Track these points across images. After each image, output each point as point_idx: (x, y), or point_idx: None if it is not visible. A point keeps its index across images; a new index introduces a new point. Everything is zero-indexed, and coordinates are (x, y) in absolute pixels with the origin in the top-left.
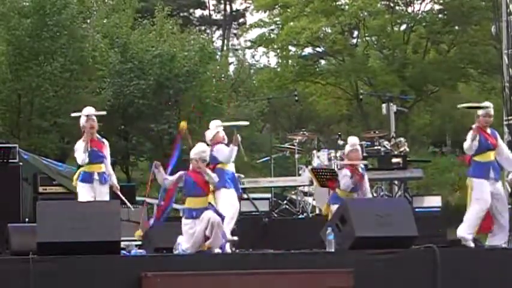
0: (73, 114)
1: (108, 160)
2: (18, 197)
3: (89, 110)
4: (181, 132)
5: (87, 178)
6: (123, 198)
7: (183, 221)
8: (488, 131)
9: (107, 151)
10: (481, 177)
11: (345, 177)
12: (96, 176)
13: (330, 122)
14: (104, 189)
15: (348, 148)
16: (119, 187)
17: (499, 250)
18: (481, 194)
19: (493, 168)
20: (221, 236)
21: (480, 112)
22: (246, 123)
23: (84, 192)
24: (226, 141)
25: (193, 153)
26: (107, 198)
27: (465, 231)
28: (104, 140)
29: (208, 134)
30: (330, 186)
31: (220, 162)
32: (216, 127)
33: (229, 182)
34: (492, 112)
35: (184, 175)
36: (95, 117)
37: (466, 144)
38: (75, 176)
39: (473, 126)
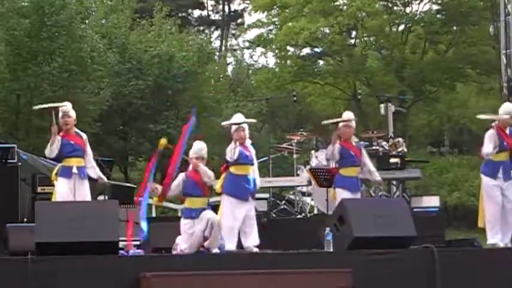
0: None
1: (90, 155)
2: (16, 197)
3: (66, 107)
4: (160, 148)
5: (66, 172)
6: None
7: (182, 221)
8: (507, 131)
9: (86, 145)
10: (488, 176)
11: (334, 148)
12: (75, 170)
13: None
14: (83, 184)
15: (341, 123)
16: (104, 178)
17: (497, 250)
18: (490, 193)
19: (503, 168)
20: (220, 236)
21: (501, 111)
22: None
23: (63, 187)
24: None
25: (192, 152)
26: (87, 193)
27: (492, 237)
28: (82, 134)
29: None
30: (333, 172)
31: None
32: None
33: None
34: None
35: (184, 175)
36: (71, 114)
37: (485, 150)
38: (54, 171)
39: (493, 125)
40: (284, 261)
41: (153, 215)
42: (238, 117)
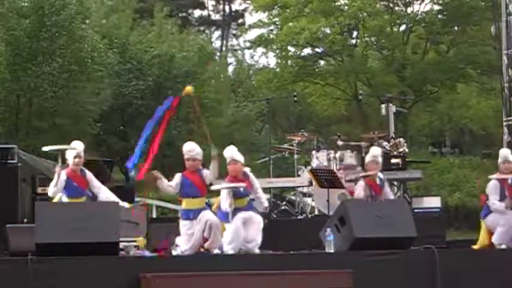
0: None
1: (100, 187)
2: (16, 198)
3: (78, 146)
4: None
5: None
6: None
7: (181, 222)
8: (510, 181)
9: (92, 181)
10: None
11: (359, 188)
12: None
13: (329, 123)
14: None
15: (368, 158)
16: (127, 205)
17: (498, 251)
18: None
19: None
20: (220, 237)
21: (499, 160)
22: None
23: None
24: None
25: (184, 152)
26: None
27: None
28: (86, 171)
29: None
30: (350, 193)
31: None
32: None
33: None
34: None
35: (181, 176)
36: (82, 154)
37: (496, 206)
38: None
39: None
40: (285, 262)
41: (154, 215)
42: (228, 150)
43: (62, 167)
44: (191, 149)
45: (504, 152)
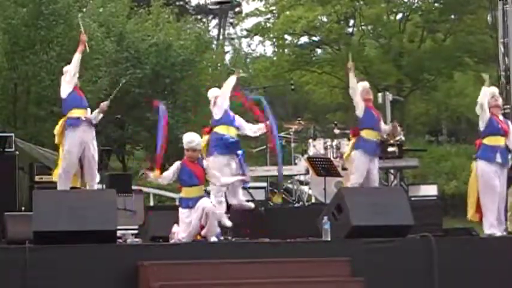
0: None
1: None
2: (14, 186)
3: None
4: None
5: (75, 122)
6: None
7: (180, 210)
8: (501, 118)
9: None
10: (485, 159)
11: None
12: (83, 118)
13: (326, 111)
14: (91, 133)
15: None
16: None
17: (494, 239)
18: (489, 182)
19: (500, 152)
20: (217, 225)
21: (488, 97)
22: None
23: (74, 138)
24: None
25: (184, 143)
26: (94, 142)
27: (489, 228)
28: None
29: None
30: (352, 134)
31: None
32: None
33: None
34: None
35: (181, 165)
36: None
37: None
38: (60, 126)
39: None
40: (282, 250)
41: (151, 203)
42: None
43: None
44: (191, 140)
45: (492, 89)
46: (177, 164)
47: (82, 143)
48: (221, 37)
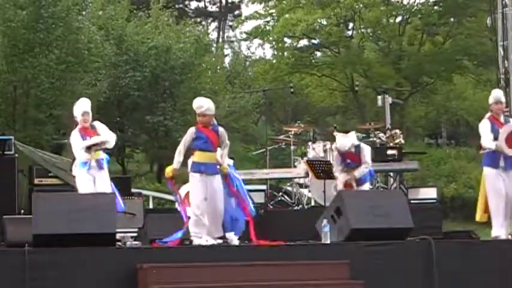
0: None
1: (106, 132)
2: (13, 189)
3: (85, 105)
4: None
5: (85, 165)
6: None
7: (191, 174)
8: (502, 119)
9: (103, 131)
10: (489, 166)
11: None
12: (93, 163)
13: (326, 114)
14: (102, 175)
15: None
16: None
17: (494, 242)
18: (494, 185)
19: (503, 157)
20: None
21: (491, 100)
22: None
23: (83, 178)
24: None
25: (194, 108)
26: (107, 182)
27: (498, 230)
28: (95, 123)
29: None
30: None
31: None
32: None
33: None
34: (503, 99)
35: (194, 129)
36: (90, 111)
37: (486, 143)
38: (74, 166)
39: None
40: (281, 253)
41: (151, 206)
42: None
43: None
44: (199, 105)
45: (496, 92)
46: (191, 130)
47: None
48: (221, 40)
